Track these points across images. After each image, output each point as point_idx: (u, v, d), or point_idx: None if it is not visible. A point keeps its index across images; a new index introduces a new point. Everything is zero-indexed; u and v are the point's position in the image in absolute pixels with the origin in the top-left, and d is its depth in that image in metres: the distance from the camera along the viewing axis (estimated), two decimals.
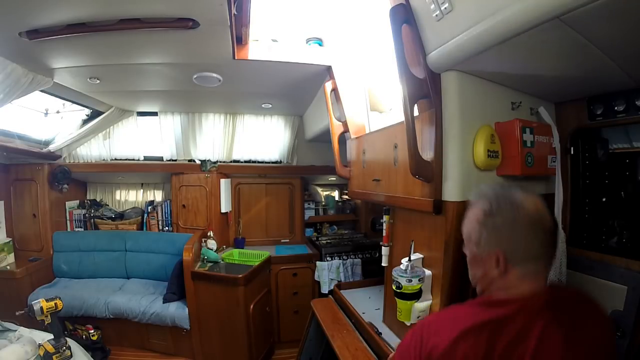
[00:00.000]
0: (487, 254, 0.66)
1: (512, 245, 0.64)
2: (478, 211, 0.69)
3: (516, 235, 0.64)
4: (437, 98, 1.04)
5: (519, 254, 0.64)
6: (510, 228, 0.64)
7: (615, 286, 1.06)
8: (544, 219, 0.64)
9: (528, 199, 0.65)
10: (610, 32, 0.75)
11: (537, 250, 0.64)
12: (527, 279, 0.64)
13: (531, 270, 0.64)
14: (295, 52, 1.87)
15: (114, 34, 1.41)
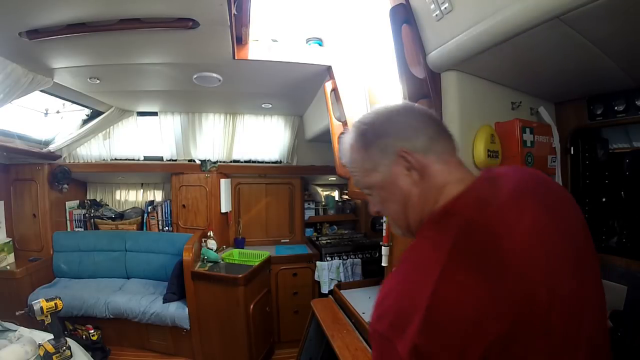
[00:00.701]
0: (389, 164, 0.55)
1: (406, 134, 0.55)
2: (351, 134, 0.60)
3: (401, 123, 0.56)
4: (437, 98, 1.04)
5: (419, 139, 0.55)
6: (392, 121, 0.56)
7: (615, 286, 1.06)
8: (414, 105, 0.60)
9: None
10: (610, 32, 0.75)
11: (432, 129, 0.56)
12: (450, 164, 0.55)
13: (445, 149, 0.56)
14: (295, 52, 1.87)
15: (114, 34, 1.41)
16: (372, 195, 0.61)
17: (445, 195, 0.53)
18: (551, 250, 0.49)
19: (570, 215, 0.57)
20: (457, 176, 0.55)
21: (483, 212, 0.49)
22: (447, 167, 0.55)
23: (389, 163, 0.55)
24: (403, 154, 0.54)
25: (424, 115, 0.58)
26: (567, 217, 0.55)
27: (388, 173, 0.56)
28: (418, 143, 0.54)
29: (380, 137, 0.56)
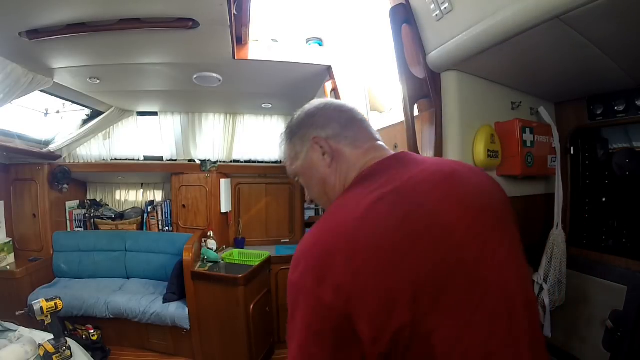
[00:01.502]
0: (307, 151, 0.63)
1: (320, 124, 0.62)
2: (282, 130, 0.69)
3: (317, 116, 0.64)
4: (437, 98, 1.04)
5: (331, 127, 0.62)
6: (310, 114, 0.64)
7: (615, 286, 1.06)
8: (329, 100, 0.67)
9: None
10: (610, 32, 0.75)
11: (345, 118, 0.63)
12: (362, 148, 0.61)
13: (358, 135, 0.63)
14: (295, 52, 1.87)
15: (114, 34, 1.41)
16: (300, 181, 0.68)
17: (356, 166, 0.60)
18: (461, 217, 0.51)
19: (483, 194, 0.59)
20: (369, 157, 0.60)
21: (399, 175, 0.54)
22: (358, 150, 0.61)
23: (307, 150, 0.63)
24: (316, 140, 0.62)
25: (338, 107, 0.65)
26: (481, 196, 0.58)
27: (307, 159, 0.64)
28: (330, 131, 0.62)
29: (301, 129, 0.64)
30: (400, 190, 0.51)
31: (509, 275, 0.52)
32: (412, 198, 0.50)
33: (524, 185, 1.18)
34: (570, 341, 1.19)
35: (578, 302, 1.17)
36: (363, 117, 0.67)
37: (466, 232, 0.50)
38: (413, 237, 0.47)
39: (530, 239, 1.20)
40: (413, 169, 0.56)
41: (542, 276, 1.12)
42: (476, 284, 0.47)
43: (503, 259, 0.52)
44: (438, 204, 0.51)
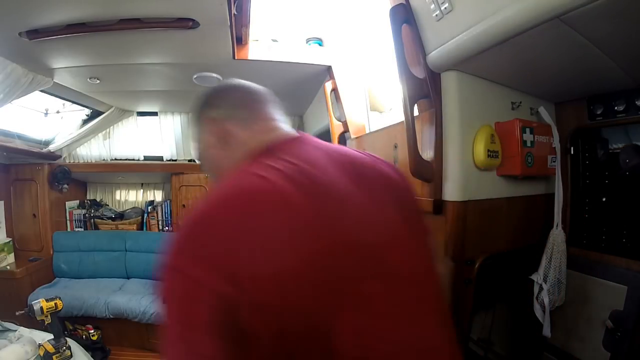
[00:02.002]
0: (203, 133, 0.62)
1: (212, 105, 0.62)
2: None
3: (212, 97, 0.63)
4: (437, 98, 1.04)
5: (222, 107, 0.61)
6: (208, 95, 0.64)
7: (615, 286, 1.06)
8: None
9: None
10: (610, 32, 0.75)
11: (237, 98, 0.62)
12: (254, 129, 0.59)
13: (250, 116, 0.61)
14: (295, 52, 1.87)
15: (114, 34, 1.41)
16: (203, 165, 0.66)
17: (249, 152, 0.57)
18: (361, 197, 0.50)
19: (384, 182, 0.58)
20: (264, 137, 0.57)
21: (294, 152, 0.52)
22: (249, 131, 0.58)
23: (202, 132, 0.62)
24: (207, 121, 0.60)
25: (232, 88, 0.65)
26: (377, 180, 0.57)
27: (202, 141, 0.62)
28: (222, 111, 0.60)
29: (198, 112, 0.63)
30: (295, 165, 0.48)
31: (417, 261, 0.52)
32: (308, 173, 0.47)
33: (524, 185, 1.18)
34: (570, 341, 1.19)
35: (578, 302, 1.16)
36: (263, 98, 0.65)
37: (366, 213, 0.48)
38: (309, 214, 0.43)
39: (530, 239, 1.21)
40: (310, 148, 0.55)
41: (542, 276, 1.12)
42: (380, 268, 0.45)
43: (407, 243, 0.51)
44: (336, 180, 0.49)
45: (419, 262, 0.53)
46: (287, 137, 0.58)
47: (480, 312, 1.34)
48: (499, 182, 1.12)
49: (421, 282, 0.51)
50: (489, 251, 1.09)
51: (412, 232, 0.54)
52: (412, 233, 0.54)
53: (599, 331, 1.09)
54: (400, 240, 0.51)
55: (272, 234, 0.40)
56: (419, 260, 0.53)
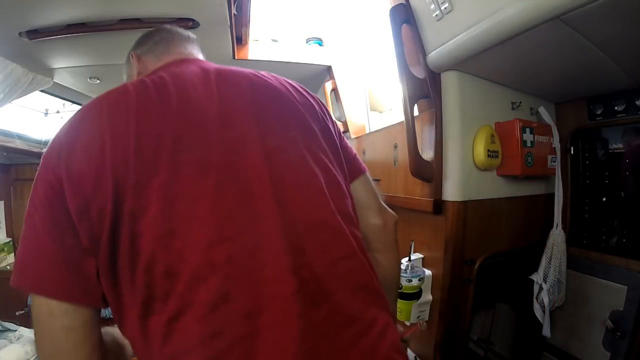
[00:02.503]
0: (128, 69, 0.71)
1: (139, 42, 0.70)
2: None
3: (139, 38, 0.71)
4: (437, 98, 1.04)
5: (145, 45, 0.68)
6: (136, 40, 0.72)
7: (615, 286, 1.06)
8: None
9: None
10: (610, 32, 0.75)
11: (157, 38, 0.68)
12: (162, 60, 0.64)
13: (165, 50, 0.66)
14: (295, 52, 1.87)
15: (114, 34, 1.41)
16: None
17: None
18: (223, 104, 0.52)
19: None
20: (161, 63, 0.63)
21: (177, 67, 0.58)
22: (159, 62, 0.64)
23: (129, 67, 0.70)
24: (133, 57, 0.68)
25: (158, 29, 0.71)
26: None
27: (127, 75, 0.71)
28: (145, 47, 0.68)
29: (130, 51, 0.70)
30: (168, 74, 0.53)
31: (280, 167, 0.51)
32: (177, 79, 0.52)
33: (524, 185, 1.19)
34: (570, 341, 1.19)
35: (578, 302, 1.17)
36: (182, 37, 0.70)
37: (223, 113, 0.51)
38: (158, 105, 0.48)
39: (530, 239, 1.21)
40: (192, 66, 0.58)
41: (542, 276, 1.12)
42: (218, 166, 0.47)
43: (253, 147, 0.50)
44: (200, 88, 0.52)
45: (263, 167, 0.50)
46: (178, 60, 0.63)
47: (480, 312, 1.34)
48: (499, 182, 1.12)
49: (256, 186, 0.49)
50: (489, 251, 1.09)
51: (270, 143, 0.52)
52: (270, 143, 0.52)
53: (598, 331, 1.09)
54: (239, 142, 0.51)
55: (100, 117, 0.46)
56: (264, 167, 0.50)
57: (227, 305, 0.42)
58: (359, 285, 0.51)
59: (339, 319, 0.46)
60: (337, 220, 0.52)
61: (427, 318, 1.16)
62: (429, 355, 1.14)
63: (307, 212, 0.50)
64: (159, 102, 0.48)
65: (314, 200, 0.52)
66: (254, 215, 0.46)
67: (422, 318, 1.15)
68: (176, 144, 0.46)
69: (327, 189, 0.54)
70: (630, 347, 1.00)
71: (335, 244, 0.51)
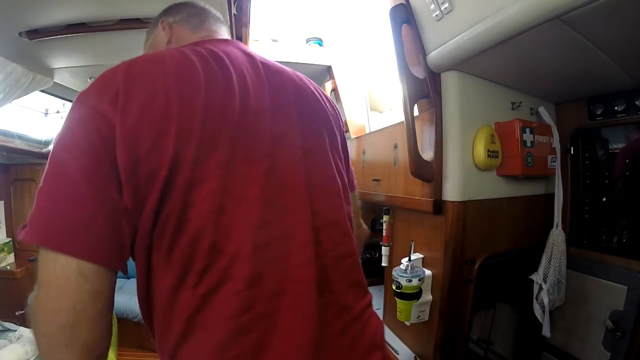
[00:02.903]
0: (154, 33, 0.72)
1: (172, 12, 0.70)
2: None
3: (171, 8, 0.71)
4: (437, 98, 1.04)
5: (177, 15, 0.69)
6: (165, 10, 0.72)
7: (615, 286, 1.06)
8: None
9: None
10: (610, 32, 0.75)
11: (192, 10, 0.69)
12: (196, 32, 0.65)
13: (198, 23, 0.68)
14: (295, 52, 1.87)
15: (114, 34, 1.41)
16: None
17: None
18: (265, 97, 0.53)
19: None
20: (201, 36, 0.65)
21: (221, 46, 0.57)
22: (195, 34, 0.65)
23: (157, 31, 0.70)
24: (162, 23, 0.68)
25: (191, 3, 0.72)
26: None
27: (153, 40, 0.72)
28: (178, 17, 0.68)
29: (160, 17, 0.71)
30: (210, 51, 0.52)
31: (296, 164, 0.53)
32: (218, 56, 0.52)
33: (524, 185, 1.19)
34: (570, 341, 1.19)
35: (578, 302, 1.17)
36: (215, 15, 0.71)
37: (264, 108, 0.52)
38: (223, 83, 0.48)
39: (530, 239, 1.21)
40: (232, 48, 0.58)
41: (542, 276, 1.12)
42: (263, 156, 0.49)
43: (292, 141, 0.53)
44: (243, 72, 0.53)
45: (299, 167, 0.53)
46: (219, 39, 0.64)
47: (480, 312, 1.34)
48: (499, 182, 1.12)
49: (299, 189, 0.52)
50: (489, 251, 1.09)
51: (307, 141, 0.56)
52: (307, 142, 0.56)
53: (599, 331, 1.09)
54: (283, 135, 0.53)
55: (165, 77, 0.44)
56: (300, 166, 0.54)
57: (259, 285, 0.45)
58: (354, 281, 0.57)
59: (336, 308, 0.52)
60: (346, 222, 0.59)
61: (427, 318, 1.16)
62: (429, 355, 1.14)
63: (328, 211, 0.55)
64: (224, 79, 0.49)
65: (332, 201, 0.58)
66: (289, 205, 0.50)
67: (422, 318, 1.16)
68: (236, 125, 0.47)
69: (342, 194, 0.60)
70: (630, 347, 1.00)
71: (343, 243, 0.56)
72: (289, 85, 0.59)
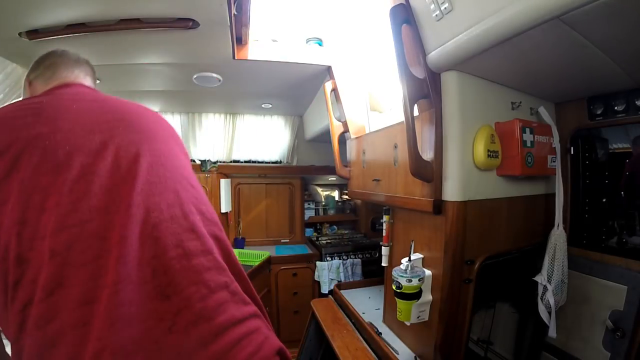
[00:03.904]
0: (23, 93, 0.79)
1: (32, 68, 0.78)
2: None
3: (33, 64, 0.79)
4: (437, 98, 1.04)
5: (35, 71, 0.77)
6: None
7: (615, 286, 1.06)
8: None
9: None
10: (610, 32, 0.75)
11: (47, 64, 0.76)
12: (48, 84, 0.73)
13: (53, 76, 0.75)
14: (295, 52, 1.87)
15: (114, 34, 1.41)
16: None
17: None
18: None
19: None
20: (49, 88, 0.73)
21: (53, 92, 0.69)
22: (46, 86, 0.74)
23: (24, 93, 0.78)
24: (26, 82, 0.77)
25: (49, 54, 0.79)
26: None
27: (24, 95, 0.78)
28: (37, 72, 0.76)
29: (25, 77, 0.79)
30: (45, 99, 0.62)
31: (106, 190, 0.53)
32: (48, 105, 0.60)
33: (524, 185, 1.19)
34: (570, 341, 1.19)
35: (578, 302, 1.17)
36: (70, 61, 0.78)
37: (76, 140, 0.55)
38: (30, 118, 0.55)
39: (530, 239, 1.21)
40: (67, 91, 0.69)
41: (546, 277, 1.12)
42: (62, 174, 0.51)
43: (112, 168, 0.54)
44: (67, 104, 0.60)
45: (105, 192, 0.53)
46: (60, 85, 0.72)
47: (480, 312, 1.34)
48: (499, 182, 1.12)
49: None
50: (489, 251, 1.09)
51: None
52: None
53: (599, 331, 1.09)
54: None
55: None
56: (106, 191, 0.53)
57: (59, 291, 0.42)
58: (218, 285, 0.55)
59: (190, 317, 0.49)
60: (192, 216, 0.60)
61: (427, 318, 1.16)
62: (429, 355, 1.14)
63: (167, 206, 0.56)
64: (32, 113, 0.56)
65: (172, 196, 0.60)
66: (107, 206, 0.51)
67: (422, 318, 1.16)
68: (33, 146, 0.52)
69: (194, 187, 0.65)
70: (630, 347, 1.00)
71: (190, 240, 0.56)
72: (94, 108, 0.64)
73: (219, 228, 0.62)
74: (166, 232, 0.50)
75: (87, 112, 0.61)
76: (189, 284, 0.48)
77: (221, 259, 0.56)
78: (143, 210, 0.50)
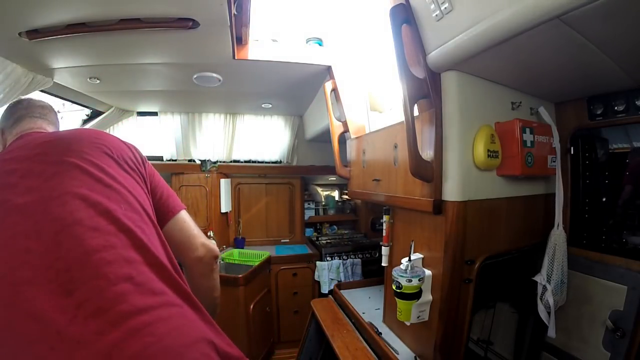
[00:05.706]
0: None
1: (3, 118, 0.84)
2: None
3: (4, 113, 0.85)
4: (437, 98, 1.04)
5: (9, 121, 0.83)
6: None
7: (615, 286, 1.06)
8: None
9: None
10: (610, 32, 0.75)
11: (19, 112, 0.83)
12: (20, 130, 0.80)
13: (22, 128, 0.80)
14: (295, 52, 1.87)
15: (114, 34, 1.41)
16: None
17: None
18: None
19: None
20: (12, 138, 0.80)
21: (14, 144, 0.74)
22: (11, 135, 0.80)
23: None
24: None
25: (15, 104, 0.86)
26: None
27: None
28: (8, 122, 0.83)
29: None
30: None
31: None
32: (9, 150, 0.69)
33: (524, 185, 1.19)
34: (570, 341, 1.19)
35: (578, 302, 1.17)
36: (36, 107, 0.85)
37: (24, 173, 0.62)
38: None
39: (530, 239, 1.21)
40: (21, 142, 0.73)
41: (545, 277, 1.12)
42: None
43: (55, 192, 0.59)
44: (16, 152, 0.67)
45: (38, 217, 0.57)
46: (19, 135, 0.78)
47: (480, 312, 1.34)
48: (499, 182, 1.12)
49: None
50: (489, 251, 1.09)
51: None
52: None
53: (599, 331, 1.09)
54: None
55: None
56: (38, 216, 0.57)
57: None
58: (121, 277, 0.58)
59: (92, 308, 0.53)
60: (95, 219, 0.63)
61: (427, 318, 1.16)
62: (429, 355, 1.14)
63: (68, 213, 0.60)
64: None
65: (76, 203, 0.65)
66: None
67: (422, 318, 1.16)
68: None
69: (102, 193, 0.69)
70: (630, 347, 1.00)
71: (90, 239, 0.60)
72: (40, 145, 0.68)
73: (142, 219, 0.65)
74: (69, 236, 0.55)
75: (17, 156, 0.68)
76: (89, 278, 0.52)
77: (130, 253, 0.58)
78: (50, 220, 0.56)
